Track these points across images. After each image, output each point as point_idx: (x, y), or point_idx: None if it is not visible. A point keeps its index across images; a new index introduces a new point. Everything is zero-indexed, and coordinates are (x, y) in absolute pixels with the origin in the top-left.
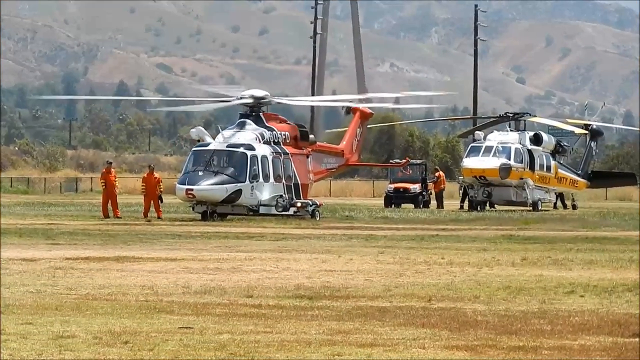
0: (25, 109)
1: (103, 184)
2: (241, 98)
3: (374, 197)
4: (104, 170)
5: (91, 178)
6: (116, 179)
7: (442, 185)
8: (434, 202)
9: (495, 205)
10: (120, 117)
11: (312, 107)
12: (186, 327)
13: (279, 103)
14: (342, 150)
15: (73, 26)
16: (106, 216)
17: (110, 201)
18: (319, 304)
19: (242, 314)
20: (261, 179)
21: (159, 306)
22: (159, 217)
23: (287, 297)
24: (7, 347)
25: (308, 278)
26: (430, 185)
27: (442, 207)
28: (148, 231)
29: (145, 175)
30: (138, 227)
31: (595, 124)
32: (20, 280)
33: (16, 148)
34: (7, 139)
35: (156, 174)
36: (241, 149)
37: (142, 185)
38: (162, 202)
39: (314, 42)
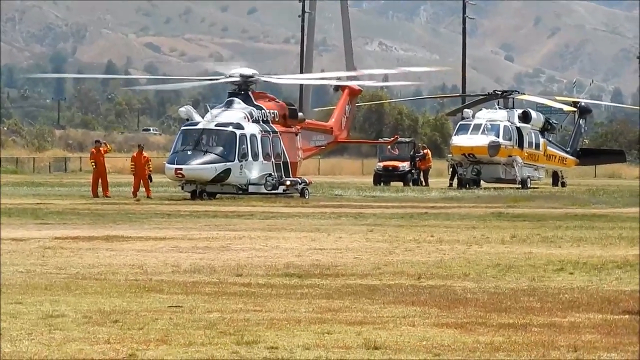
0: (14, 88)
1: (93, 163)
2: (230, 76)
3: (363, 175)
4: (93, 149)
5: (80, 158)
6: (108, 150)
7: (429, 163)
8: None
9: (482, 183)
10: (109, 97)
11: (301, 85)
12: (176, 306)
13: (266, 82)
14: (331, 128)
15: (62, 6)
16: (95, 196)
17: (100, 181)
18: (308, 282)
19: (231, 293)
20: (250, 158)
21: (149, 285)
22: (148, 197)
23: (277, 276)
24: None
25: (297, 256)
26: (417, 163)
27: (427, 185)
28: (137, 210)
29: (135, 154)
30: (127, 207)
31: (584, 101)
32: (10, 260)
33: (5, 128)
34: None
35: (145, 154)
36: (230, 128)
37: (132, 165)
38: (151, 181)
39: (303, 21)
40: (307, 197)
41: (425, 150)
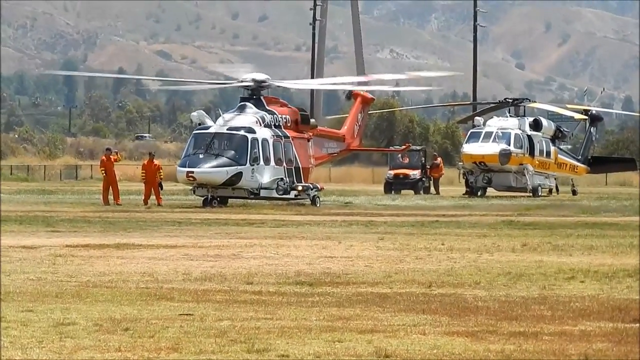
0: (25, 96)
1: (103, 171)
2: (242, 81)
3: (373, 183)
4: (103, 157)
5: (91, 165)
6: (119, 159)
7: (441, 172)
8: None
9: (488, 191)
10: (120, 105)
11: (312, 93)
12: (186, 314)
13: (278, 86)
14: (344, 135)
15: (73, 13)
16: (106, 203)
17: (111, 188)
18: (319, 290)
19: (242, 301)
20: (262, 162)
21: (159, 293)
22: (159, 204)
23: (288, 284)
24: (7, 335)
25: (308, 264)
26: (429, 171)
27: (438, 193)
28: (148, 218)
29: (145, 162)
30: (138, 214)
31: (594, 109)
32: (21, 267)
33: (16, 135)
34: (7, 126)
35: (156, 161)
36: (242, 132)
37: (142, 173)
38: (162, 189)
39: (314, 28)
40: (318, 205)
41: (438, 159)
